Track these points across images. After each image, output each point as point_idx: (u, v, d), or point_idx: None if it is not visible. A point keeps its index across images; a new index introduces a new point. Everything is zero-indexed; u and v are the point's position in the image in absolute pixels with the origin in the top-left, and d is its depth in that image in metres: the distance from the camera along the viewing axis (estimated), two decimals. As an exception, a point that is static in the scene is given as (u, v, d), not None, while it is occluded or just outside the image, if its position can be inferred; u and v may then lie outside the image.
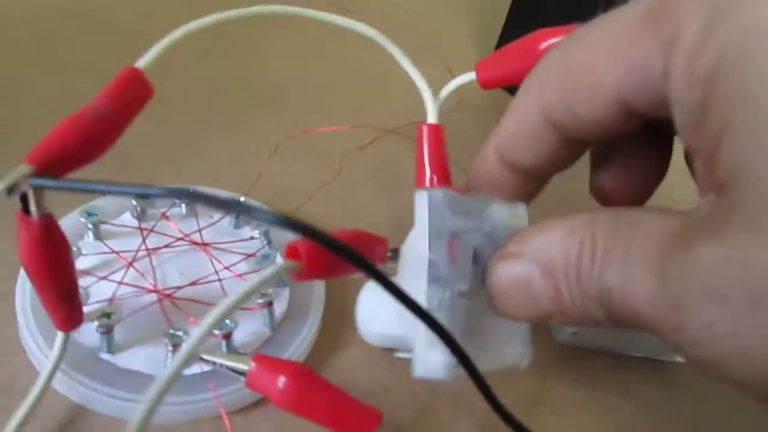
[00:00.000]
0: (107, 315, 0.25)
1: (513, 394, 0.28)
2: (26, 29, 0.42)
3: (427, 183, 0.29)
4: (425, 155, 0.29)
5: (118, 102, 0.22)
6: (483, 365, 0.26)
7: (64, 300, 0.22)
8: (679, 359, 0.31)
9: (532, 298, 0.19)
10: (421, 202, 0.23)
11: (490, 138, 0.23)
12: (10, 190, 0.18)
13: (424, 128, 0.29)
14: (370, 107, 0.44)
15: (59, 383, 0.24)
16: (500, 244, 0.21)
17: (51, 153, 0.19)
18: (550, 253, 0.19)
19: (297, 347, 0.27)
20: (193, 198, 0.17)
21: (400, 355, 0.24)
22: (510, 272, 0.20)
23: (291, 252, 0.19)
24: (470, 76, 0.29)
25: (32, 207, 0.19)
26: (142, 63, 0.24)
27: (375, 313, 0.25)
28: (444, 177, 0.29)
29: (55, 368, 0.23)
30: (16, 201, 0.19)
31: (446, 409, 0.27)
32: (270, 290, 0.27)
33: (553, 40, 0.27)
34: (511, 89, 0.46)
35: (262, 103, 0.42)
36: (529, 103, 0.21)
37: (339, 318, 0.30)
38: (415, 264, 0.24)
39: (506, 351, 0.26)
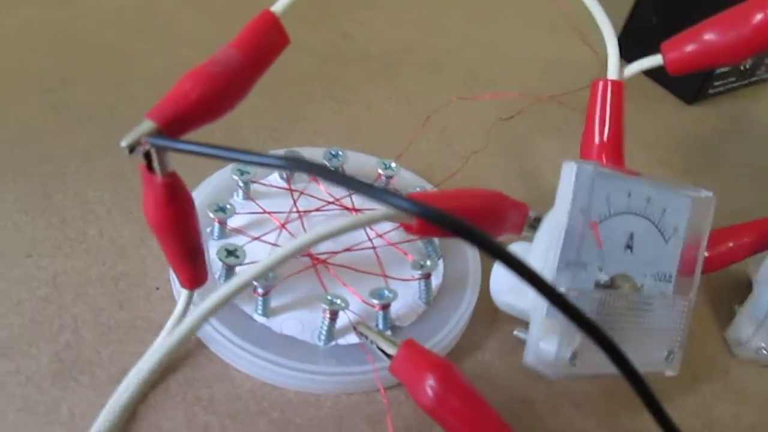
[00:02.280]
0: (265, 276, 0.24)
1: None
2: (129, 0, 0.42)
3: (596, 143, 0.26)
4: (596, 116, 0.26)
5: (250, 51, 0.21)
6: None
7: (188, 259, 0.20)
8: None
9: None
10: (568, 174, 0.21)
11: None
12: (132, 148, 0.17)
13: (600, 84, 0.26)
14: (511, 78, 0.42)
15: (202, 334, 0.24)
16: None
17: (175, 109, 0.18)
18: None
19: (452, 327, 0.25)
20: (310, 169, 0.16)
21: (519, 334, 0.22)
22: None
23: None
24: (655, 59, 0.26)
25: (155, 165, 0.18)
26: (278, 7, 0.22)
27: (507, 278, 0.23)
28: (615, 144, 0.26)
29: (178, 322, 0.23)
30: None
31: (593, 426, 0.24)
32: (428, 262, 0.25)
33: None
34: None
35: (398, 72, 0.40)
36: None
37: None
38: (546, 241, 0.21)
39: (653, 353, 0.24)
